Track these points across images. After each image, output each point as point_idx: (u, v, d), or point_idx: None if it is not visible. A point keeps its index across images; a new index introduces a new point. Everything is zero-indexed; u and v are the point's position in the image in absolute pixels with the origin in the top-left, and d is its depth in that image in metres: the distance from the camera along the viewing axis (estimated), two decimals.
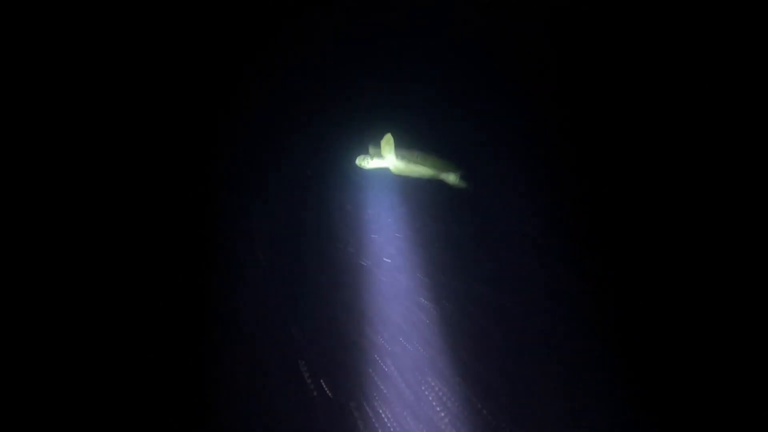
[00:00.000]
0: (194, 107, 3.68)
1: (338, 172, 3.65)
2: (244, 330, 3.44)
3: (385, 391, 3.30)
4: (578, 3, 3.66)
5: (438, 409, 3.25)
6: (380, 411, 3.25)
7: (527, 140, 3.62)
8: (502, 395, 3.26)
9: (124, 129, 3.64)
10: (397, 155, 3.50)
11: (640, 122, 3.64)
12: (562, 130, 3.68)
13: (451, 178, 3.63)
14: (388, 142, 3.43)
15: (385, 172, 3.56)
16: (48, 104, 3.58)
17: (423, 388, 3.28)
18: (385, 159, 3.51)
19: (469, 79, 3.71)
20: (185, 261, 3.55)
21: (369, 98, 3.68)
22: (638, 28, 3.66)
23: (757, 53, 3.51)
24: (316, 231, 3.60)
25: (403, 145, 3.50)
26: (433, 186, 3.62)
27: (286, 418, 3.27)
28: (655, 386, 3.27)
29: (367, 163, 3.56)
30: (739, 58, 3.53)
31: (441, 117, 3.65)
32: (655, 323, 3.38)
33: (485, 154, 3.61)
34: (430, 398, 3.27)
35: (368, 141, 3.56)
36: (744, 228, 3.40)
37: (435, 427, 3.22)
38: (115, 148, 3.62)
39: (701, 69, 3.57)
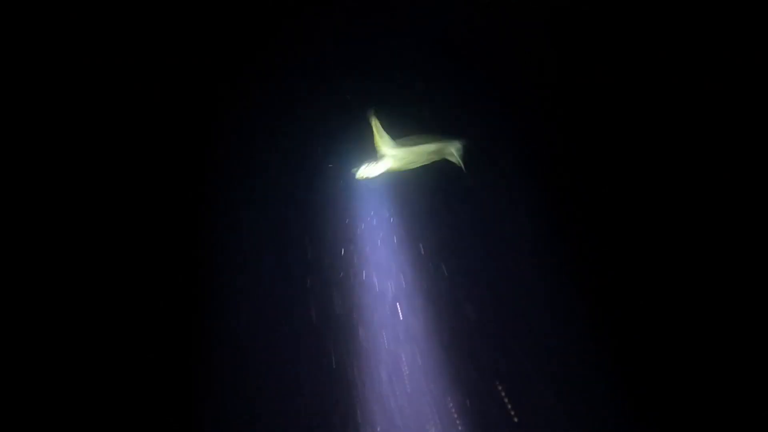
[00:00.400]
0: (191, 107, 3.67)
1: (338, 173, 3.62)
2: (243, 330, 3.43)
3: (380, 392, 3.30)
4: (578, 3, 3.66)
5: (432, 409, 3.25)
6: (374, 411, 3.25)
7: (526, 140, 3.62)
8: (499, 395, 3.26)
9: (123, 129, 3.63)
10: (394, 144, 3.30)
11: (640, 122, 3.64)
12: (561, 130, 3.67)
13: (454, 152, 3.45)
14: (377, 127, 3.21)
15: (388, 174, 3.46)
16: (43, 105, 3.56)
17: (418, 388, 3.28)
18: (383, 158, 3.31)
19: (469, 79, 3.70)
20: (185, 261, 3.54)
21: (368, 97, 3.65)
22: (638, 28, 3.66)
23: (757, 53, 3.50)
24: (314, 231, 3.58)
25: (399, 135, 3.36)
26: (433, 181, 3.55)
27: (281, 418, 3.27)
28: (655, 387, 3.27)
29: (369, 170, 3.34)
30: (739, 58, 3.53)
31: (439, 117, 3.63)
32: (655, 323, 3.38)
33: (484, 153, 3.60)
34: (426, 399, 3.26)
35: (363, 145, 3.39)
36: (744, 228, 3.41)
37: (430, 426, 3.22)
38: (112, 148, 3.61)
39: (701, 69, 3.57)
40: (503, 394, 3.27)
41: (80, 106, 3.58)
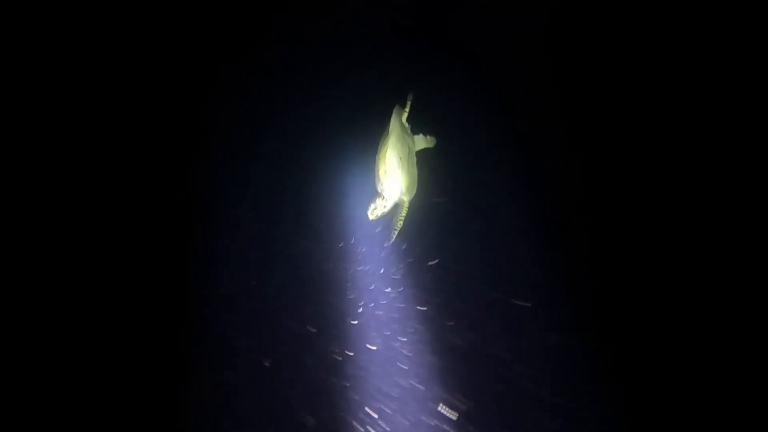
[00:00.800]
0: (185, 108, 3.66)
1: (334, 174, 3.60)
2: (241, 331, 3.43)
3: (375, 395, 3.30)
4: (578, 3, 3.65)
5: (430, 412, 3.24)
6: (371, 415, 3.25)
7: (525, 141, 3.61)
8: (497, 397, 3.26)
9: (117, 129, 3.62)
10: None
11: (638, 122, 3.63)
12: (560, 130, 3.66)
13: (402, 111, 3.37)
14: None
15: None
16: (24, 105, 3.55)
17: (415, 391, 3.28)
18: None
19: (467, 78, 3.69)
20: (184, 261, 3.54)
21: (363, 96, 3.63)
22: (638, 27, 3.65)
23: (757, 53, 3.50)
24: (311, 231, 3.57)
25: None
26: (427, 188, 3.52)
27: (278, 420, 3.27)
28: (655, 387, 3.27)
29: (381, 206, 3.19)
30: (739, 58, 3.52)
31: (436, 117, 3.60)
32: (655, 324, 3.37)
33: (480, 155, 3.58)
34: (423, 401, 3.26)
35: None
36: (745, 229, 3.40)
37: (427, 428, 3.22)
38: (107, 148, 3.60)
39: (701, 69, 3.56)
40: (501, 395, 3.26)
41: (71, 105, 3.57)
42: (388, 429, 3.21)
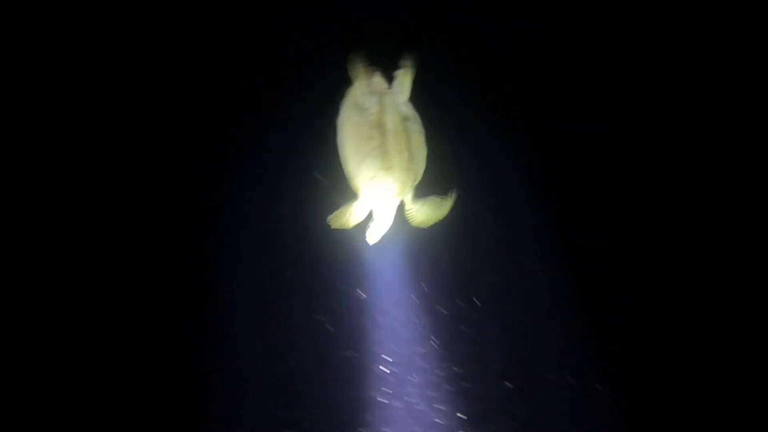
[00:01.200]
0: (183, 107, 3.66)
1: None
2: (241, 332, 3.42)
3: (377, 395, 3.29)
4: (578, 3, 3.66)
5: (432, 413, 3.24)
6: (372, 415, 3.24)
7: (525, 142, 3.61)
8: (502, 398, 3.26)
9: (118, 128, 3.62)
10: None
11: (637, 122, 3.65)
12: (560, 130, 3.67)
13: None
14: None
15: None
16: (28, 105, 3.54)
17: (416, 389, 3.27)
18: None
19: (463, 78, 3.68)
20: (186, 261, 3.53)
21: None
22: (638, 27, 3.67)
23: (757, 53, 3.52)
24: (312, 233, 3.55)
25: None
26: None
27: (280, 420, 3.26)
28: (656, 390, 3.28)
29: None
30: (739, 58, 3.55)
31: (434, 116, 3.58)
32: (656, 325, 3.38)
33: (480, 157, 3.57)
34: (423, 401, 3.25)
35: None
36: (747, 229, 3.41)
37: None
38: (107, 147, 3.59)
39: (701, 69, 3.58)
40: (507, 396, 3.26)
41: (72, 105, 3.57)
42: None
